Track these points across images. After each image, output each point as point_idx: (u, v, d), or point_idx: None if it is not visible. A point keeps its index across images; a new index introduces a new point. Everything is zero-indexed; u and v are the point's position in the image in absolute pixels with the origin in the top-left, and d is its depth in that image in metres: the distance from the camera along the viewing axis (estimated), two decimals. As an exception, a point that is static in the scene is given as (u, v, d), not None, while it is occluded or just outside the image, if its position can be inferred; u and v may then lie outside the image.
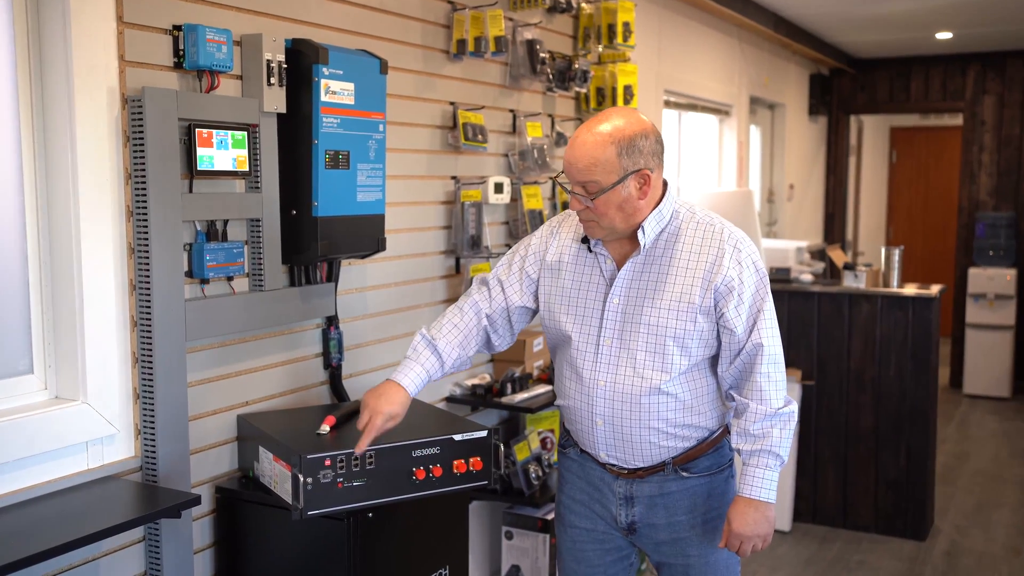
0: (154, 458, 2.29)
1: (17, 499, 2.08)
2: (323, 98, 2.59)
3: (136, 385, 2.30)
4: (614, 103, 4.14)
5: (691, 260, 2.16)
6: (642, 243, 2.16)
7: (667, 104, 5.47)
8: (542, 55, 3.70)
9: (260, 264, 2.56)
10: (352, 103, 2.68)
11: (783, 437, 2.15)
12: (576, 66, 3.96)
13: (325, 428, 2.41)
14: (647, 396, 2.16)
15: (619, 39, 4.11)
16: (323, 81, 2.58)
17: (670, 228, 2.20)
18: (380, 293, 3.11)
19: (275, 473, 2.34)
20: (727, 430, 2.30)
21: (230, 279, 2.51)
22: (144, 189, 2.23)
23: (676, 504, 2.25)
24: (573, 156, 2.10)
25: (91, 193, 2.16)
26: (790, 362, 4.85)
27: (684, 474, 2.24)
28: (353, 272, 2.98)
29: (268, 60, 2.50)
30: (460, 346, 2.30)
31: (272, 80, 2.51)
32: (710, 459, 2.26)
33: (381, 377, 3.06)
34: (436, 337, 2.29)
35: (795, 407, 2.19)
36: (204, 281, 2.43)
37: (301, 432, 2.40)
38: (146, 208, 2.24)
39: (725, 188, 6.36)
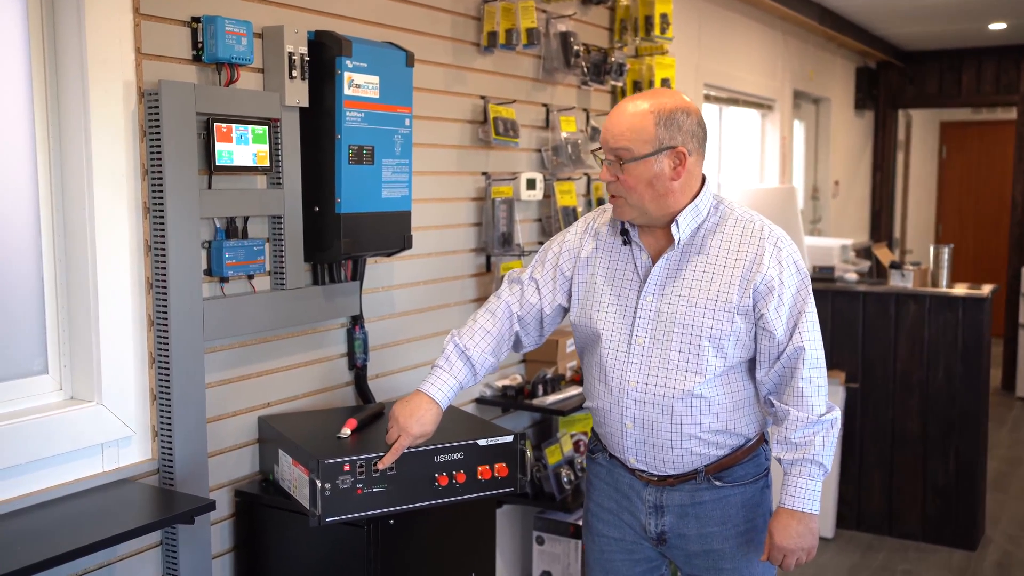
0: (171, 461, 2.24)
1: (32, 501, 2.03)
2: (346, 91, 2.51)
3: (153, 386, 2.25)
4: (651, 97, 4.03)
5: (729, 258, 2.07)
6: (676, 238, 2.08)
7: (707, 98, 5.33)
8: (576, 48, 3.60)
9: (282, 262, 2.50)
10: (377, 97, 2.61)
11: (826, 445, 2.05)
12: (612, 59, 3.86)
13: (346, 431, 2.33)
14: (680, 399, 2.07)
15: (656, 31, 4.00)
16: (346, 74, 2.51)
17: (708, 224, 2.11)
18: (407, 292, 3.03)
19: (294, 477, 2.27)
20: (763, 438, 2.19)
21: (251, 277, 2.45)
22: (160, 185, 2.18)
23: (708, 515, 2.14)
24: (610, 122, 2.06)
25: (106, 189, 2.11)
26: (833, 364, 4.70)
27: (717, 483, 2.14)
28: (379, 270, 2.91)
29: (290, 53, 2.43)
30: (493, 353, 2.23)
31: (294, 73, 2.44)
32: (745, 468, 2.16)
33: (408, 378, 3.00)
34: (468, 346, 2.21)
35: (838, 413, 2.09)
36: (223, 279, 2.37)
37: (321, 435, 2.33)
38: (162, 205, 2.18)
39: (767, 184, 6.20)
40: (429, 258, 3.11)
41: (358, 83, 2.55)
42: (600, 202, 3.98)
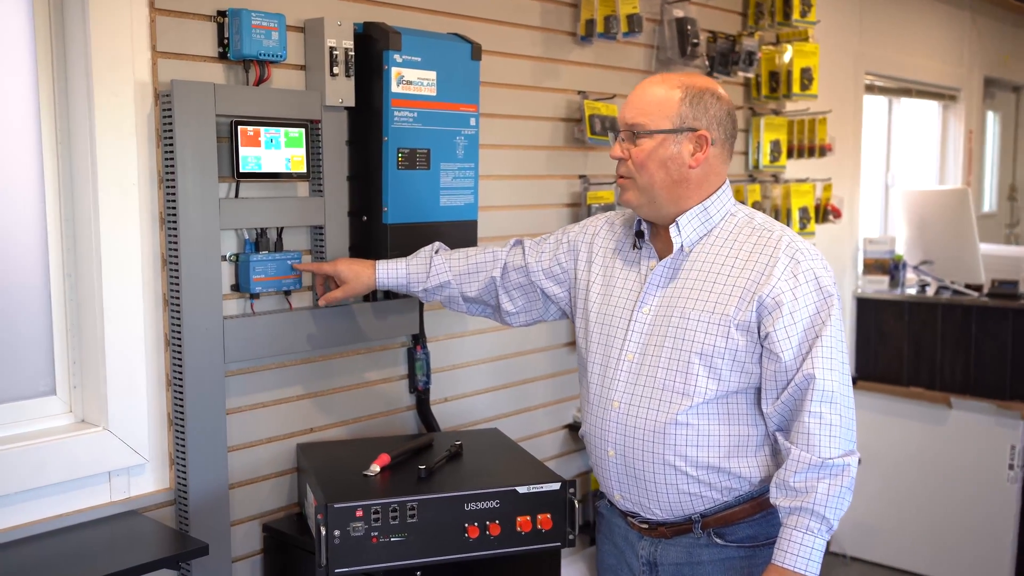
0: (186, 491, 2.07)
1: (29, 532, 1.91)
2: (394, 89, 2.27)
3: (170, 410, 2.09)
4: (789, 89, 3.58)
5: (735, 267, 1.80)
6: (676, 242, 1.83)
7: (871, 89, 4.76)
8: (694, 35, 3.20)
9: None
10: (433, 94, 2.35)
11: (831, 495, 1.70)
12: (741, 47, 3.43)
13: (375, 469, 2.09)
14: (664, 425, 1.82)
15: (796, 14, 3.54)
16: (394, 69, 2.26)
17: (719, 232, 1.84)
18: (483, 308, 2.76)
19: (313, 516, 2.05)
20: None
21: (287, 293, 2.25)
22: (174, 194, 2.01)
23: None
24: (631, 96, 1.88)
25: (113, 198, 1.95)
26: (1013, 393, 4.06)
27: (718, 540, 1.83)
28: (449, 284, 2.65)
29: (331, 47, 2.21)
30: (457, 275, 2.16)
31: (336, 70, 2.22)
32: (754, 527, 1.82)
33: (477, 403, 2.74)
34: (440, 252, 2.20)
35: (853, 461, 1.73)
36: (254, 296, 2.18)
37: (348, 470, 2.10)
38: (176, 215, 2.01)
39: (943, 186, 5.51)
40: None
41: (409, 79, 2.30)
42: (726, 207, 3.57)
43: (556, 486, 2.05)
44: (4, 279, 1.95)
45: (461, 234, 2.47)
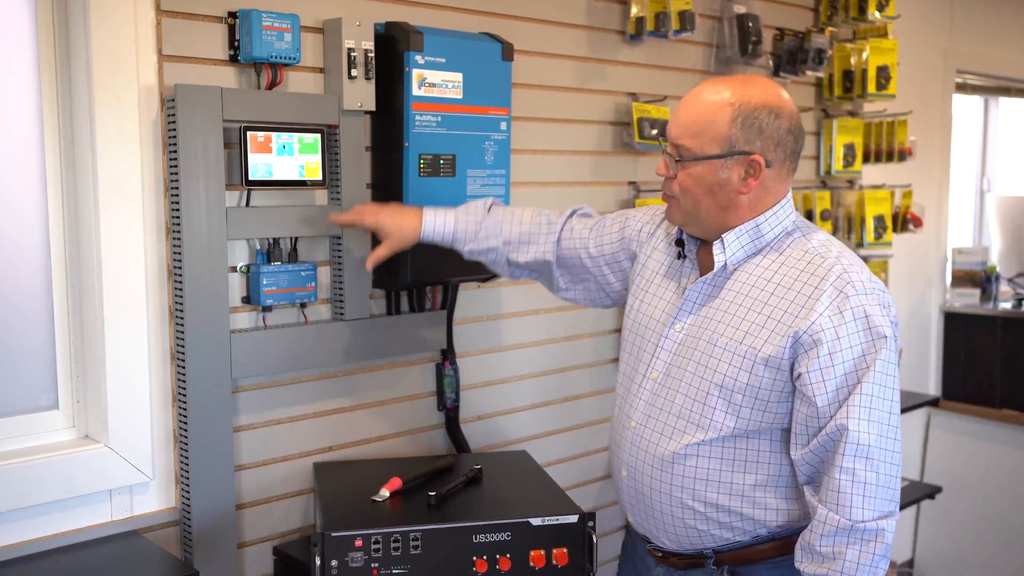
0: (190, 511, 1.99)
1: (24, 551, 1.85)
2: (416, 92, 2.15)
3: (176, 427, 2.01)
4: (864, 89, 3.34)
5: (775, 293, 1.60)
6: (718, 260, 1.65)
7: (962, 88, 4.45)
8: (755, 33, 3.00)
9: (341, 288, 2.18)
10: (459, 97, 2.23)
11: (862, 564, 1.51)
12: (810, 45, 3.21)
13: (384, 493, 1.98)
14: (675, 455, 1.68)
15: (871, 9, 3.30)
16: (415, 71, 2.15)
17: (768, 252, 1.65)
18: (520, 321, 2.62)
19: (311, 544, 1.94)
20: None
21: (303, 306, 2.16)
22: (177, 202, 1.93)
23: None
24: (679, 107, 1.70)
25: (115, 207, 1.88)
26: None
27: None
28: (483, 296, 2.52)
29: (349, 48, 2.11)
30: (506, 241, 2.02)
31: (354, 72, 2.11)
32: (777, 572, 1.64)
33: (512, 422, 2.60)
34: (492, 210, 2.05)
35: (890, 526, 1.52)
36: (265, 309, 2.09)
37: (355, 494, 1.99)
38: (180, 224, 1.93)
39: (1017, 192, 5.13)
40: (551, 282, 2.68)
41: (432, 81, 2.18)
42: (808, 215, 3.35)
43: (574, 519, 1.90)
44: (6, 288, 1.90)
45: (491, 244, 2.34)
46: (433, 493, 1.95)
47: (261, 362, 2.07)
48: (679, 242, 1.77)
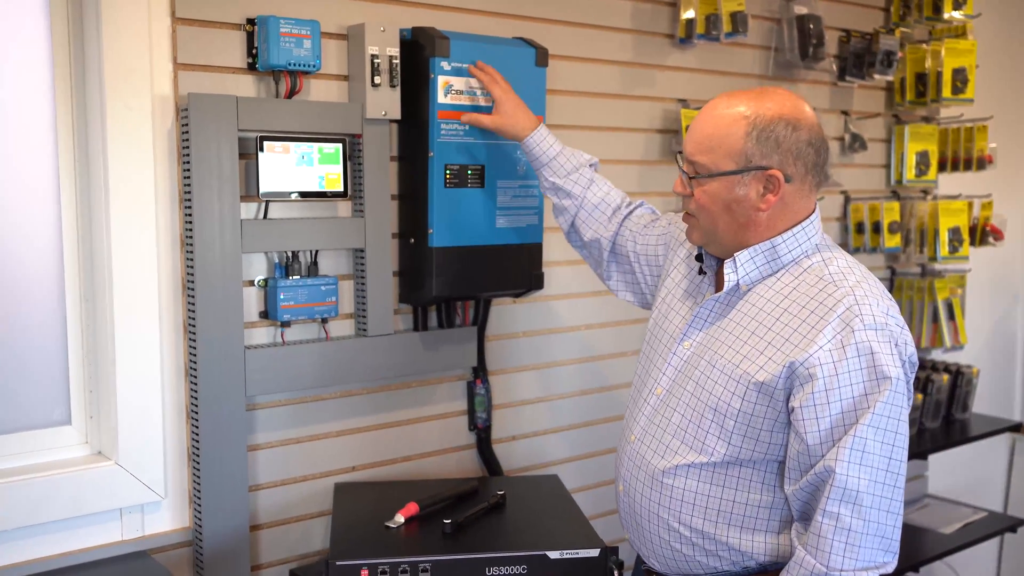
0: (201, 531, 1.94)
1: (31, 569, 1.82)
2: (441, 99, 2.07)
3: (190, 445, 1.96)
4: (938, 93, 3.14)
5: (780, 319, 1.49)
6: (729, 279, 1.58)
7: (1052, 92, 4.16)
8: (816, 36, 2.84)
9: (364, 303, 2.11)
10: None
11: None
12: (878, 46, 3.03)
13: (399, 519, 1.89)
14: (665, 475, 1.59)
15: (947, 8, 3.10)
16: (441, 78, 2.06)
17: (784, 274, 1.54)
18: (564, 337, 2.51)
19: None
20: None
21: (324, 321, 2.09)
22: (191, 215, 1.88)
23: None
24: (694, 122, 1.60)
25: (126, 218, 1.84)
26: None
27: None
28: (523, 311, 2.42)
29: (373, 55, 2.03)
30: (583, 200, 2.01)
31: (378, 79, 2.04)
32: None
33: (548, 443, 2.49)
34: (593, 166, 2.06)
35: None
36: (284, 324, 2.03)
37: (370, 519, 1.91)
38: (192, 237, 1.88)
39: None
40: (596, 298, 2.56)
41: (459, 88, 2.09)
42: (860, 228, 3.16)
43: (595, 552, 1.78)
44: (19, 297, 1.87)
45: (521, 260, 2.24)
46: (448, 521, 1.86)
47: (278, 379, 2.00)
48: (699, 257, 1.68)
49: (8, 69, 1.83)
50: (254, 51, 1.96)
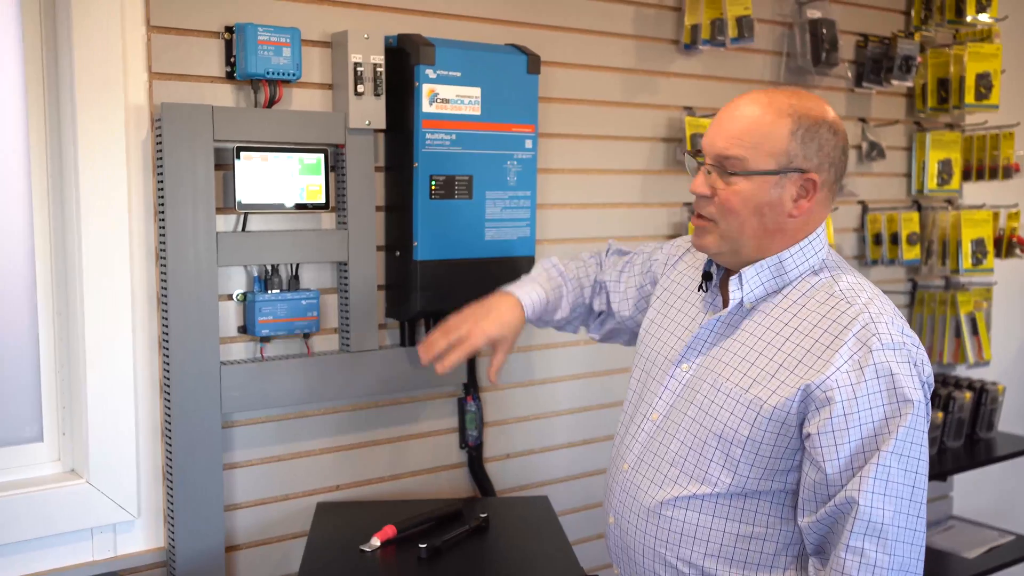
0: (175, 552, 1.89)
1: (1, 589, 1.79)
2: (426, 108, 2.01)
3: (164, 463, 1.91)
4: (961, 99, 3.01)
5: (791, 339, 1.39)
6: (734, 296, 1.46)
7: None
8: (829, 41, 2.74)
9: (347, 318, 2.05)
10: (477, 113, 2.07)
11: None
12: (896, 51, 2.92)
13: (375, 543, 1.83)
14: (662, 507, 1.49)
15: (970, 11, 2.98)
16: (426, 86, 2.00)
17: (791, 291, 1.44)
18: (560, 353, 2.44)
19: (300, 595, 1.81)
20: None
21: (307, 336, 2.03)
22: (164, 228, 1.83)
23: None
24: (724, 117, 1.47)
25: (98, 231, 1.80)
26: None
27: None
28: (512, 327, 2.35)
29: (356, 63, 1.98)
30: (572, 299, 1.85)
31: (360, 88, 1.98)
32: None
33: (538, 461, 2.41)
34: (566, 271, 1.86)
35: None
36: (264, 340, 1.98)
37: (346, 541, 1.84)
38: (166, 250, 1.83)
39: None
40: (593, 311, 2.48)
41: (445, 97, 2.02)
42: (877, 240, 3.05)
43: (578, 589, 1.70)
44: (-9, 316, 1.85)
45: (512, 271, 2.16)
46: (424, 545, 1.79)
47: (256, 396, 1.95)
48: (707, 275, 1.57)
49: (-21, 79, 1.80)
50: (232, 60, 1.91)
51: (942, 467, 2.99)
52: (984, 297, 3.21)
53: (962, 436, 3.15)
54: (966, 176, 3.20)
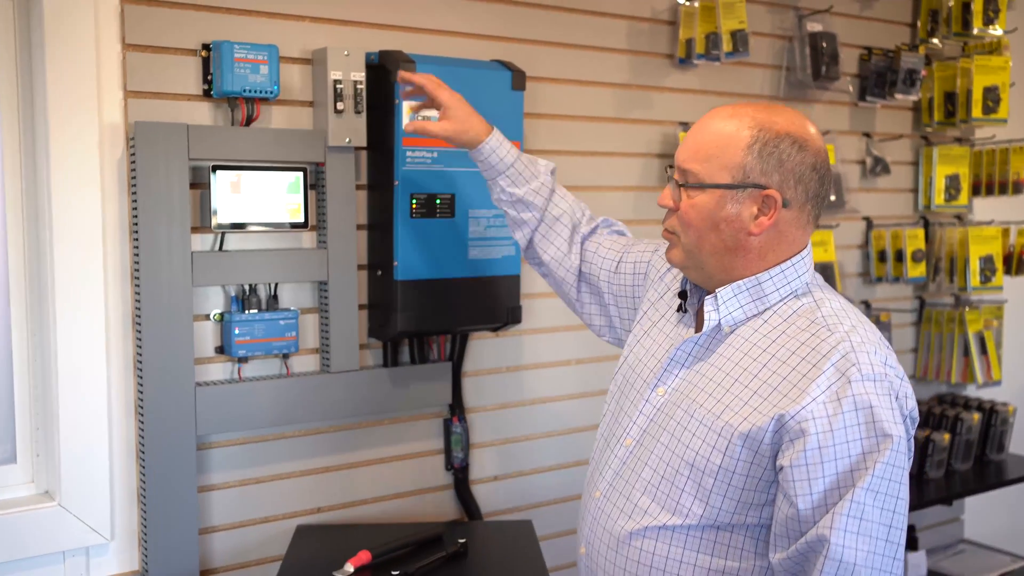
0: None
1: (-29, 612, 1.77)
2: (406, 125, 1.97)
3: (139, 486, 1.89)
4: (968, 113, 2.95)
5: (768, 366, 1.34)
6: (710, 319, 1.43)
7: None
8: (829, 54, 2.68)
9: (327, 338, 2.02)
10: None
11: None
12: (900, 64, 2.86)
13: (348, 569, 1.79)
14: (632, 537, 1.42)
15: (978, 23, 2.91)
16: (406, 103, 1.97)
17: (771, 316, 1.39)
18: (538, 374, 2.39)
19: (272, 622, 1.78)
20: None
21: (286, 357, 2.01)
22: (138, 248, 1.82)
23: None
24: (690, 131, 1.47)
25: (70, 251, 1.78)
26: None
27: None
28: (497, 346, 2.31)
29: (335, 80, 1.95)
30: (552, 209, 1.83)
31: (340, 105, 1.95)
32: None
33: (527, 483, 2.37)
34: (554, 173, 1.86)
35: None
36: (241, 360, 1.95)
37: (319, 567, 1.81)
38: (140, 270, 1.81)
39: None
40: (583, 332, 2.43)
41: (427, 114, 1.99)
42: (881, 257, 2.99)
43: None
44: (-35, 336, 1.83)
45: (497, 293, 2.13)
46: (397, 573, 1.75)
47: (232, 417, 1.92)
48: (682, 294, 1.52)
49: (-46, 98, 1.79)
50: (209, 77, 1.89)
51: (949, 490, 2.91)
52: (995, 315, 3.13)
53: (971, 458, 3.07)
54: (975, 191, 3.13)
